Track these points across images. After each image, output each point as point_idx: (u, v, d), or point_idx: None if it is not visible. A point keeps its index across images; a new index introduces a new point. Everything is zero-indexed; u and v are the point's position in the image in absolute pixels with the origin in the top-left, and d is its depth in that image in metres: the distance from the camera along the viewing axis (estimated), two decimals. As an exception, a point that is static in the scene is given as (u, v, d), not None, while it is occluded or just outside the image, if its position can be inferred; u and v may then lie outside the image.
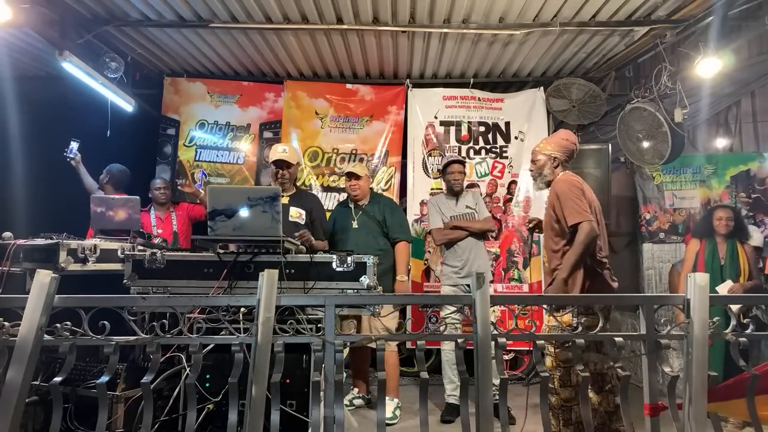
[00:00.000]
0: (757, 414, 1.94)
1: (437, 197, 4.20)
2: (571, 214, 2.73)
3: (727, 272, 4.00)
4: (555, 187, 2.88)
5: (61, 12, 3.98)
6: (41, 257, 2.76)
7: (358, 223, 3.90)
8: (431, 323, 2.12)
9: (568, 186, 2.82)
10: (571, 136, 3.04)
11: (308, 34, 4.40)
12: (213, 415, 2.57)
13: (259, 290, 1.86)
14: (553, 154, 2.94)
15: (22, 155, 4.83)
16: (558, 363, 2.72)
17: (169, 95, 5.32)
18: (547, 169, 2.93)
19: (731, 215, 4.10)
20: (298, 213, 3.53)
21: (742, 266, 4.00)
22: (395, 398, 3.78)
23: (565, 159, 2.95)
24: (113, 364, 1.87)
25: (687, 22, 4.02)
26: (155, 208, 4.50)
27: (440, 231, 3.94)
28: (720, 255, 4.06)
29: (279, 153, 3.53)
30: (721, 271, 4.00)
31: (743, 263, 4.01)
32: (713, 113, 5.68)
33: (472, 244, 3.88)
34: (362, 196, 3.95)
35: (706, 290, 1.92)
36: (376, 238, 3.86)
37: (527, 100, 5.19)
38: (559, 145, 2.96)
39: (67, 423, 2.51)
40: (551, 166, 2.93)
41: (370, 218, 3.91)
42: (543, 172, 2.94)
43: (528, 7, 3.96)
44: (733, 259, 4.02)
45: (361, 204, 3.97)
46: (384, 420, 1.92)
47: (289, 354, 2.05)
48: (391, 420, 3.62)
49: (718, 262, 4.04)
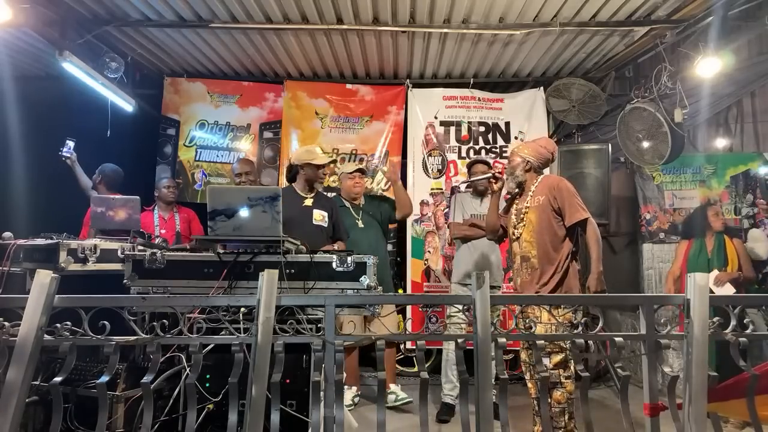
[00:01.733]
0: (757, 414, 1.94)
1: (462, 194, 4.22)
2: (577, 211, 2.89)
3: (714, 265, 4.06)
4: (553, 185, 2.97)
5: (61, 12, 3.98)
6: (41, 257, 2.76)
7: (363, 223, 3.96)
8: (431, 323, 2.12)
9: (566, 185, 2.97)
10: (551, 145, 3.17)
11: (308, 34, 4.41)
12: (213, 415, 2.57)
13: (259, 290, 1.86)
14: (527, 158, 3.08)
15: (22, 155, 4.82)
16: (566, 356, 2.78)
17: (169, 95, 5.32)
18: (519, 170, 3.08)
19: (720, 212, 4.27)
20: (321, 216, 3.54)
21: (729, 258, 4.05)
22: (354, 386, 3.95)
23: (538, 165, 3.10)
24: (113, 364, 1.87)
25: (687, 22, 4.02)
26: (160, 208, 4.49)
27: (458, 226, 3.95)
28: (708, 249, 4.15)
29: (322, 157, 3.62)
30: (708, 263, 4.07)
31: (731, 255, 4.07)
32: (713, 113, 5.67)
33: (487, 246, 3.87)
34: (360, 195, 4.07)
35: (706, 290, 1.92)
36: (379, 235, 3.98)
37: (527, 100, 5.19)
38: (536, 151, 3.09)
39: (67, 423, 2.50)
40: (523, 168, 3.08)
41: (370, 217, 4.01)
42: (515, 172, 3.09)
43: (528, 7, 3.96)
44: (720, 251, 4.10)
45: (359, 204, 4.03)
46: (384, 420, 1.91)
47: (289, 354, 2.04)
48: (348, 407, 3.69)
49: (705, 256, 4.12)
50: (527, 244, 2.96)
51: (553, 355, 2.77)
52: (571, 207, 2.89)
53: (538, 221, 2.94)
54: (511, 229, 3.10)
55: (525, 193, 3.08)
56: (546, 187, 2.98)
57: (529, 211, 2.98)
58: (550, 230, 2.93)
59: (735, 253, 4.07)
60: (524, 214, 3.00)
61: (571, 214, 2.88)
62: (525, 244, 2.98)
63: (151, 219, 4.42)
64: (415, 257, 4.94)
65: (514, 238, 3.06)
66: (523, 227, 3.00)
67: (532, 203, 2.99)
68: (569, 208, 2.89)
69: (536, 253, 2.92)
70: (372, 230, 3.96)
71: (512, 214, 3.12)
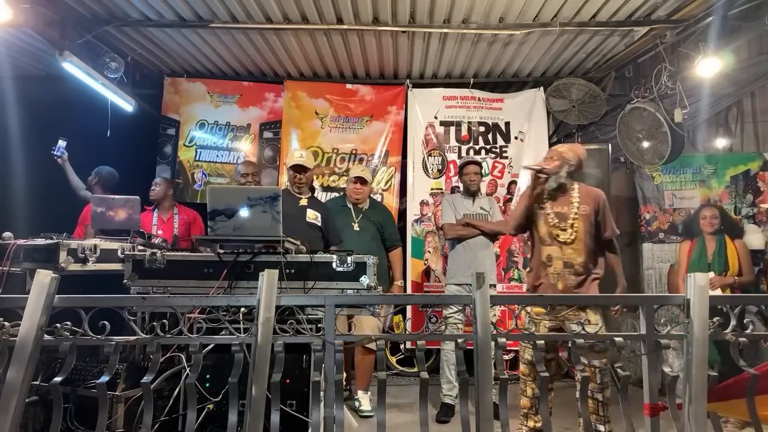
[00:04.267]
0: (757, 414, 1.94)
1: (453, 195, 4.23)
2: (612, 226, 3.05)
3: (714, 268, 4.03)
4: (599, 197, 3.05)
5: (61, 12, 3.98)
6: (41, 257, 2.75)
7: (359, 226, 3.99)
8: (431, 323, 2.12)
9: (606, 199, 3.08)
10: (585, 153, 3.17)
11: (308, 34, 4.41)
12: (213, 415, 2.57)
13: (259, 290, 1.86)
14: (571, 161, 3.04)
15: (22, 155, 4.82)
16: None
17: (169, 95, 5.32)
18: (564, 171, 3.03)
19: (716, 213, 4.16)
20: (315, 215, 3.63)
21: (730, 261, 4.02)
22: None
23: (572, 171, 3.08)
24: (113, 364, 1.87)
25: (687, 22, 4.02)
26: (159, 209, 4.49)
27: (452, 226, 3.94)
28: (708, 252, 4.11)
29: (297, 158, 3.66)
30: (708, 267, 4.04)
31: (732, 258, 4.03)
32: (713, 113, 5.68)
33: (482, 245, 3.88)
34: (363, 200, 4.10)
35: (706, 290, 1.92)
36: (376, 243, 3.98)
37: (527, 101, 5.19)
38: (578, 158, 3.08)
39: (67, 423, 2.50)
40: (567, 170, 3.04)
41: (371, 223, 4.04)
42: (560, 172, 3.02)
43: (528, 7, 3.96)
44: (720, 255, 4.06)
45: (361, 207, 4.06)
46: (384, 420, 1.91)
47: (289, 354, 2.05)
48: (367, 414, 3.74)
49: (705, 259, 4.08)
50: (573, 251, 2.96)
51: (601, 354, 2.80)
52: (610, 222, 3.04)
53: (585, 230, 2.98)
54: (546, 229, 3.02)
55: (566, 198, 3.03)
56: (591, 197, 3.03)
57: (579, 219, 3.00)
58: (594, 240, 3.02)
59: (736, 256, 4.03)
60: (573, 220, 2.99)
61: (610, 228, 3.03)
62: (570, 250, 2.97)
63: (150, 219, 4.41)
64: (415, 257, 4.94)
65: (554, 242, 3.00)
66: (571, 234, 2.99)
67: (579, 211, 3.00)
68: (609, 223, 3.03)
69: (582, 261, 2.96)
70: (367, 234, 3.97)
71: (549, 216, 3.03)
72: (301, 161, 3.65)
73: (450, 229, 3.95)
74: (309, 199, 3.72)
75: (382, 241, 4.08)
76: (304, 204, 3.65)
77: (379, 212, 4.22)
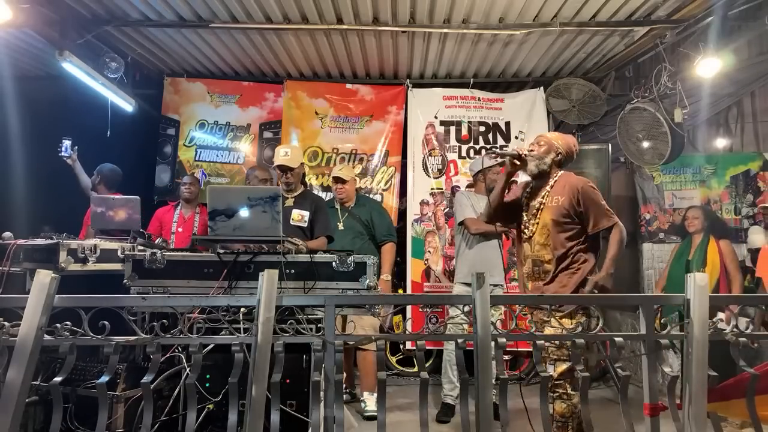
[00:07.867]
0: (757, 414, 1.94)
1: (468, 192, 4.17)
2: (605, 217, 2.66)
3: (693, 266, 4.09)
4: (578, 187, 2.68)
5: (61, 12, 3.97)
6: (41, 257, 2.76)
7: (344, 225, 3.99)
8: (431, 323, 2.12)
9: (592, 189, 2.70)
10: (577, 145, 2.95)
11: (308, 34, 4.40)
12: (213, 415, 2.57)
13: (259, 290, 1.86)
14: (559, 149, 2.80)
15: (22, 155, 4.83)
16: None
17: (169, 95, 5.32)
18: (549, 158, 2.77)
19: (697, 214, 4.32)
20: (300, 215, 3.51)
21: (710, 259, 4.06)
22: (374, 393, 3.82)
23: (562, 161, 2.83)
24: (113, 364, 1.87)
25: (687, 22, 4.02)
26: (182, 206, 4.50)
27: (475, 221, 3.76)
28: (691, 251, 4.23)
29: (281, 157, 3.51)
30: (688, 265, 4.12)
31: (712, 256, 4.08)
32: (713, 113, 5.67)
33: (496, 245, 3.84)
34: (348, 199, 4.08)
35: (706, 290, 1.92)
36: (361, 241, 3.93)
37: (527, 100, 5.19)
38: (568, 146, 2.84)
39: (67, 423, 2.51)
40: (553, 158, 2.79)
41: (355, 220, 4.01)
42: (545, 159, 2.77)
43: (528, 7, 3.96)
44: (701, 253, 4.14)
45: (348, 206, 4.07)
46: (384, 420, 1.91)
47: (289, 354, 2.04)
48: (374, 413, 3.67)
49: (686, 257, 4.20)
50: (540, 247, 2.70)
51: (559, 363, 2.56)
52: (598, 214, 2.65)
53: (553, 223, 2.67)
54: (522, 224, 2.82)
55: (542, 188, 2.78)
56: (568, 187, 2.69)
57: (544, 210, 2.70)
58: (567, 234, 2.67)
59: (717, 255, 4.07)
60: (539, 211, 2.70)
61: (597, 221, 2.65)
62: (537, 247, 2.71)
63: (171, 215, 4.44)
64: (415, 257, 4.93)
65: (525, 237, 2.78)
66: (535, 226, 2.71)
67: (548, 202, 2.70)
68: (596, 215, 2.65)
69: (550, 258, 2.68)
70: (351, 233, 3.93)
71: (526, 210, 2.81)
72: (285, 160, 3.48)
73: (473, 224, 3.77)
74: (297, 198, 3.57)
75: (372, 237, 4.01)
76: (289, 204, 3.51)
77: (366, 209, 4.10)
